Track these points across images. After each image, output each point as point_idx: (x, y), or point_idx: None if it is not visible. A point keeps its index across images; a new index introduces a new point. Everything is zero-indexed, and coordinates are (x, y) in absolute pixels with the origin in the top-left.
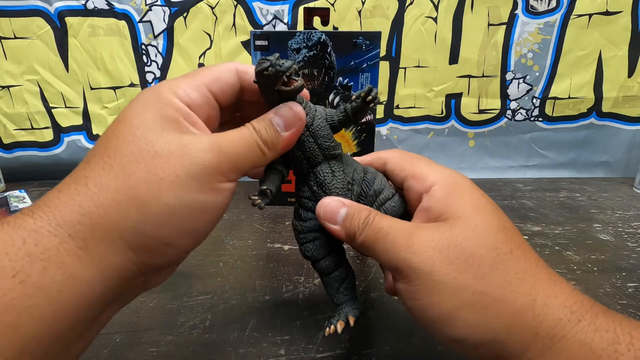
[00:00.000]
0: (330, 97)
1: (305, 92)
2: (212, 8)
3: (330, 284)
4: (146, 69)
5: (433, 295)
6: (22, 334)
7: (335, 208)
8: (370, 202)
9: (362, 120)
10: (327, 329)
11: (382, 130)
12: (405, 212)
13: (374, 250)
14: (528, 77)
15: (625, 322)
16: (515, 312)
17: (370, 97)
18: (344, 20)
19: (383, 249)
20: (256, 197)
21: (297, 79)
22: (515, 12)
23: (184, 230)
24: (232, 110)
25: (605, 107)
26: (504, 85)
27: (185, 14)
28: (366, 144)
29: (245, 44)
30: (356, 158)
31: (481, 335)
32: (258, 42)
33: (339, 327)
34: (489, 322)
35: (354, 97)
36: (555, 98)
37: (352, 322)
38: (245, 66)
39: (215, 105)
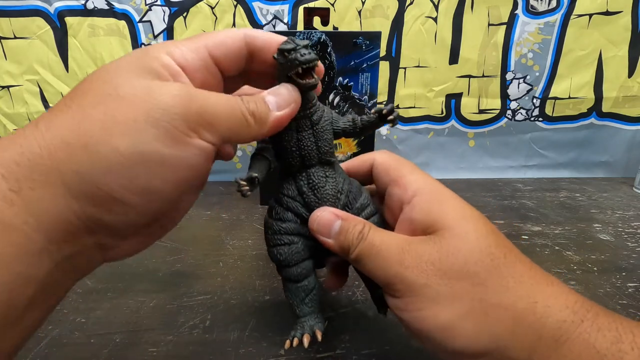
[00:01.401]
0: (330, 97)
1: (317, 88)
2: (212, 8)
3: (296, 293)
4: None
5: (431, 306)
6: None
7: (328, 221)
8: (355, 215)
9: None
10: (289, 342)
11: (382, 130)
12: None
13: (366, 265)
14: (528, 77)
15: (625, 321)
16: (516, 316)
17: (391, 117)
18: (344, 20)
19: (375, 265)
20: (244, 183)
21: (313, 75)
22: (516, 12)
23: (136, 185)
24: (239, 81)
25: (605, 107)
26: (504, 85)
27: (185, 14)
28: (366, 144)
29: None
30: (346, 163)
31: (483, 343)
32: None
33: (306, 341)
34: (491, 329)
35: (373, 111)
36: (555, 98)
37: (319, 337)
38: (255, 31)
39: (215, 71)
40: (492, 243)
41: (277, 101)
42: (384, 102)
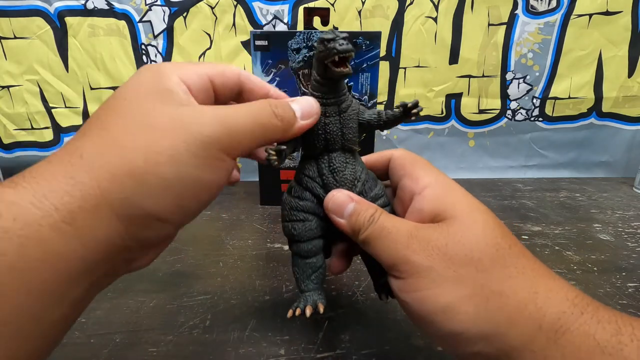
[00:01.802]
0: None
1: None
2: (212, 8)
3: (304, 268)
4: None
5: (433, 287)
6: None
7: (343, 202)
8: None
9: None
10: (291, 311)
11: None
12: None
13: (374, 247)
14: (528, 77)
15: (625, 315)
16: (517, 305)
17: (415, 110)
18: (344, 20)
19: (384, 246)
20: (273, 153)
21: (348, 65)
22: (516, 12)
23: (178, 205)
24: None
25: (605, 107)
26: (504, 85)
27: (185, 14)
28: (366, 144)
29: (245, 44)
30: (365, 157)
31: (482, 327)
32: (258, 42)
33: (308, 311)
34: (490, 314)
35: (397, 105)
36: (555, 98)
37: (321, 309)
38: (248, 73)
39: (212, 96)
40: (499, 234)
41: (302, 110)
42: (384, 102)
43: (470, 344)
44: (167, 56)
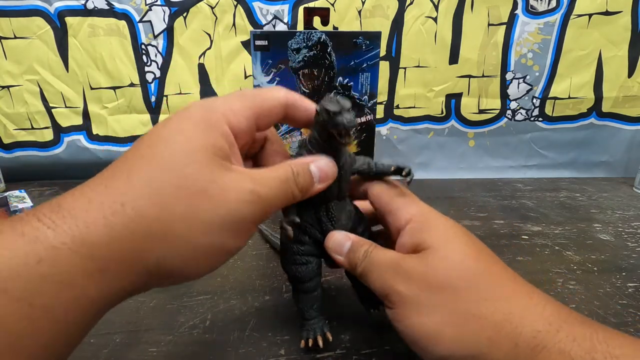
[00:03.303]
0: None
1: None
2: (212, 8)
3: (307, 301)
4: (146, 68)
5: (419, 315)
6: (22, 357)
7: (341, 241)
8: (352, 231)
9: (362, 120)
10: (304, 342)
11: (382, 130)
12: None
13: (369, 280)
14: (528, 77)
15: (601, 331)
16: (494, 326)
17: (408, 180)
18: (344, 20)
19: (375, 278)
20: (290, 229)
21: (351, 137)
22: (515, 12)
23: (203, 267)
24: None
25: (605, 107)
26: (504, 85)
27: (185, 14)
28: (366, 144)
29: (245, 44)
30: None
31: (464, 350)
32: (258, 42)
33: (321, 342)
34: (471, 337)
35: (394, 167)
36: (555, 98)
37: (330, 338)
38: (295, 98)
39: (254, 131)
40: (473, 260)
41: (320, 174)
42: (384, 102)
43: None
44: (167, 56)
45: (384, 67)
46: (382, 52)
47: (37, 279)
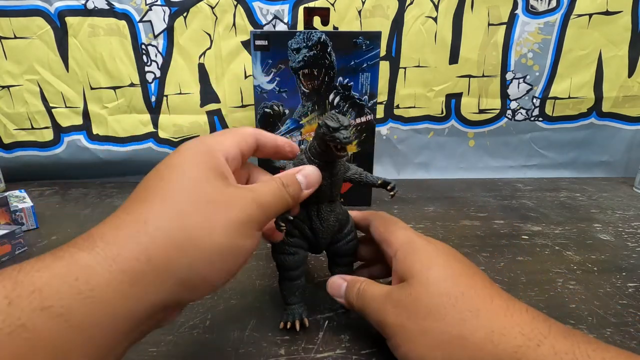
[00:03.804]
0: (330, 97)
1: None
2: (212, 8)
3: (290, 287)
4: (146, 68)
5: (409, 342)
6: None
7: (339, 284)
8: (343, 237)
9: (362, 120)
10: (283, 324)
11: (382, 130)
12: (356, 249)
13: (366, 316)
14: (528, 77)
15: (583, 344)
16: (476, 345)
17: (392, 193)
18: (344, 20)
19: (370, 313)
20: (283, 225)
21: (346, 151)
22: (515, 12)
23: (225, 270)
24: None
25: (605, 107)
26: (504, 85)
27: (185, 14)
28: (366, 144)
29: (245, 44)
30: (353, 213)
31: None
32: (258, 42)
33: (297, 325)
34: (455, 357)
35: (380, 181)
36: (555, 98)
37: (307, 323)
38: (261, 132)
39: (240, 159)
40: (451, 283)
41: (307, 182)
42: (384, 102)
43: None
44: (167, 56)
45: (384, 67)
46: (382, 52)
47: (74, 294)
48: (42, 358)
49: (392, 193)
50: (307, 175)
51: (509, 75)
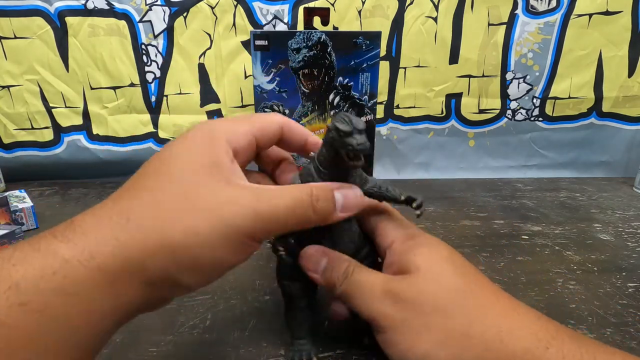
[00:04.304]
0: (330, 97)
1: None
2: (212, 8)
3: (297, 318)
4: (146, 68)
5: (410, 339)
6: None
7: (317, 258)
8: (354, 255)
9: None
10: None
11: (382, 130)
12: (373, 265)
13: (353, 303)
14: (528, 77)
15: (591, 347)
16: (484, 345)
17: (418, 212)
18: (344, 20)
19: (362, 302)
20: (282, 250)
21: (360, 159)
22: (515, 12)
23: (203, 278)
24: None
25: (606, 107)
26: (504, 85)
27: (185, 14)
28: None
29: (245, 44)
30: None
31: None
32: (258, 42)
33: None
34: (462, 356)
35: (404, 197)
36: (555, 98)
37: None
38: (291, 123)
39: (254, 150)
40: (460, 281)
41: (344, 203)
42: (384, 102)
43: None
44: (167, 56)
45: (384, 67)
46: (382, 52)
47: (53, 289)
48: (20, 354)
49: (418, 212)
50: (347, 195)
51: (509, 75)
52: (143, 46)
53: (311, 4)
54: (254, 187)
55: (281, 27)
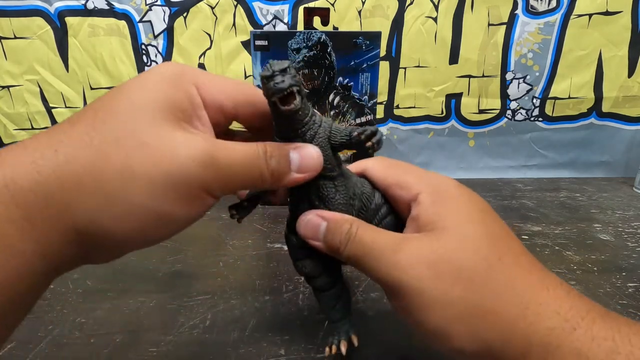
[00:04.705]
0: (330, 97)
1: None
2: (212, 8)
3: (326, 301)
4: (146, 68)
5: (426, 312)
6: None
7: (314, 224)
8: (371, 216)
9: (362, 120)
10: (328, 349)
11: (382, 130)
12: (398, 228)
13: (360, 267)
14: (528, 77)
15: (625, 327)
16: (508, 322)
17: (370, 143)
18: (344, 20)
19: (369, 266)
20: (235, 212)
21: (294, 101)
22: (515, 12)
23: (139, 232)
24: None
25: (605, 107)
26: (504, 85)
27: (185, 14)
28: None
29: (245, 44)
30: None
31: (476, 346)
32: (258, 42)
33: (343, 348)
34: (484, 334)
35: (357, 133)
36: (555, 98)
37: (355, 342)
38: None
39: (230, 111)
40: (489, 247)
41: (300, 163)
42: (384, 102)
43: (472, 358)
44: (167, 56)
45: (384, 67)
46: (382, 52)
47: None
48: None
49: (368, 144)
50: (304, 155)
51: (509, 76)
52: (143, 46)
53: (311, 4)
54: (213, 138)
55: (281, 27)
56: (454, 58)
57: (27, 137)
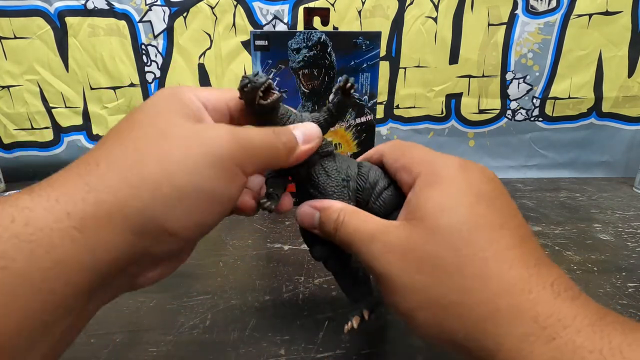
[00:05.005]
0: (330, 97)
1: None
2: (212, 8)
3: (343, 282)
4: (146, 69)
5: (395, 295)
6: (1, 327)
7: (309, 215)
8: (368, 195)
9: (362, 120)
10: (346, 326)
11: (382, 130)
12: (402, 199)
13: (352, 253)
14: (528, 77)
15: (618, 337)
16: (475, 320)
17: (348, 85)
18: (344, 20)
19: (355, 252)
20: (265, 200)
21: (274, 92)
22: (515, 12)
23: (190, 218)
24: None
25: (605, 107)
26: (504, 85)
27: (185, 14)
28: (366, 144)
29: (245, 44)
30: (360, 157)
31: (441, 335)
32: (258, 42)
33: (355, 323)
34: (446, 324)
35: (333, 94)
36: (555, 98)
37: (366, 316)
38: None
39: (227, 118)
40: (464, 239)
41: (304, 135)
42: (384, 102)
43: (444, 345)
44: (167, 56)
45: (384, 67)
46: (382, 52)
47: (10, 237)
48: None
49: (347, 86)
50: (303, 129)
51: (509, 76)
52: (143, 46)
53: (311, 4)
54: (226, 125)
55: (281, 27)
56: (454, 58)
57: (28, 137)
